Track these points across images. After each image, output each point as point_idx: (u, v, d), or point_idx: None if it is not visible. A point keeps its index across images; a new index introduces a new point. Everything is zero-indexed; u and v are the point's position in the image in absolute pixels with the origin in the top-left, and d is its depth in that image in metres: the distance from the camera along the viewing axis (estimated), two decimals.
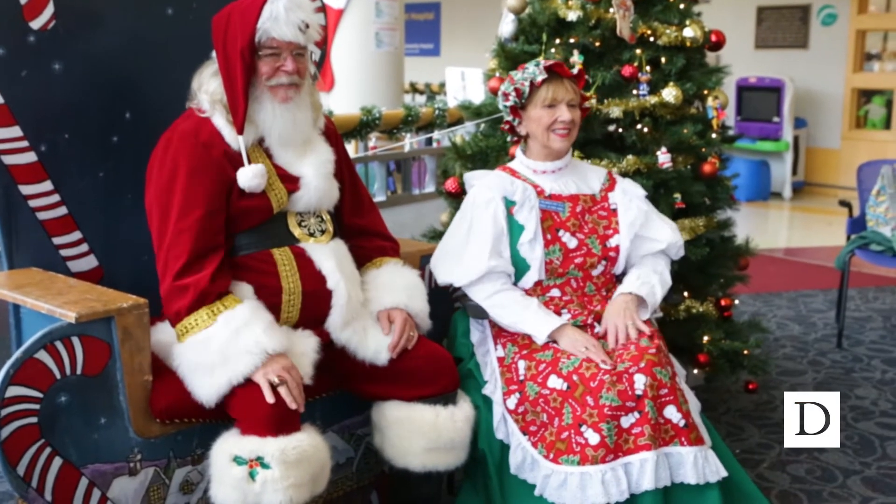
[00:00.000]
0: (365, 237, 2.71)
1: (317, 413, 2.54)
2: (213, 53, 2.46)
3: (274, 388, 2.21)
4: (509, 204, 2.73)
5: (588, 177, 2.86)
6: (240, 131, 2.40)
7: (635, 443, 2.41)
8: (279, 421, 2.21)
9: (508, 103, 2.79)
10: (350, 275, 2.52)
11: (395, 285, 2.61)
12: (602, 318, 2.68)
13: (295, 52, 2.43)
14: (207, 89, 2.44)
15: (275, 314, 2.37)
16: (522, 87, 2.73)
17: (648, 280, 2.74)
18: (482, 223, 2.72)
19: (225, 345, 2.24)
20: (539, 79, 2.71)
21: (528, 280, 2.71)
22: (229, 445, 2.22)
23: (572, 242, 2.72)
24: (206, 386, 2.25)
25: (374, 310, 2.57)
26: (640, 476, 2.38)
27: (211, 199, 2.36)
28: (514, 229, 2.72)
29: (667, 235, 2.81)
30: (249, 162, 2.41)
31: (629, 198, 2.82)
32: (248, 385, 2.23)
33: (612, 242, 2.76)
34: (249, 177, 2.38)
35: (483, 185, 2.79)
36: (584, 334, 2.62)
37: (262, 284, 2.38)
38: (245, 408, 2.23)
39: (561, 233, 2.72)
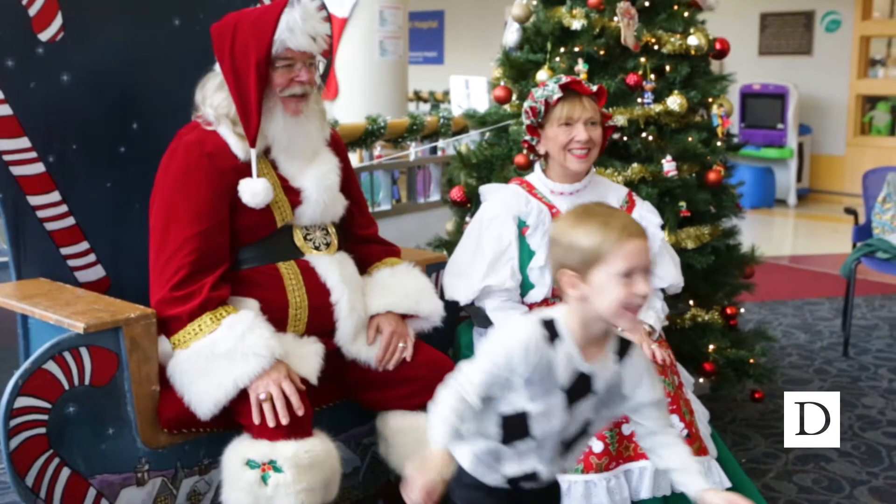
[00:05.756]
0: (367, 244, 2.72)
1: (323, 422, 2.52)
2: (217, 66, 2.45)
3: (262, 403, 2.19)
4: (522, 224, 2.70)
5: (608, 197, 2.77)
6: (252, 144, 2.40)
7: (635, 451, 2.41)
8: (291, 425, 2.21)
9: (527, 122, 2.72)
10: (355, 287, 2.53)
11: (403, 287, 2.60)
12: None
13: (308, 63, 2.44)
14: (212, 103, 2.44)
15: (280, 328, 2.37)
16: (539, 106, 2.65)
17: (654, 306, 2.72)
18: (485, 241, 2.70)
19: (232, 348, 2.21)
20: (555, 97, 2.62)
21: (536, 295, 2.69)
22: (242, 448, 2.22)
23: None
24: (210, 392, 2.21)
25: (370, 311, 2.56)
26: (639, 484, 2.39)
27: (214, 212, 2.35)
28: (525, 252, 2.69)
29: (671, 275, 2.76)
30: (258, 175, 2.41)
31: (645, 224, 2.77)
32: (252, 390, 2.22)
33: None
34: (255, 192, 2.37)
35: (495, 201, 2.76)
36: None
37: (268, 299, 2.37)
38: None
39: None
